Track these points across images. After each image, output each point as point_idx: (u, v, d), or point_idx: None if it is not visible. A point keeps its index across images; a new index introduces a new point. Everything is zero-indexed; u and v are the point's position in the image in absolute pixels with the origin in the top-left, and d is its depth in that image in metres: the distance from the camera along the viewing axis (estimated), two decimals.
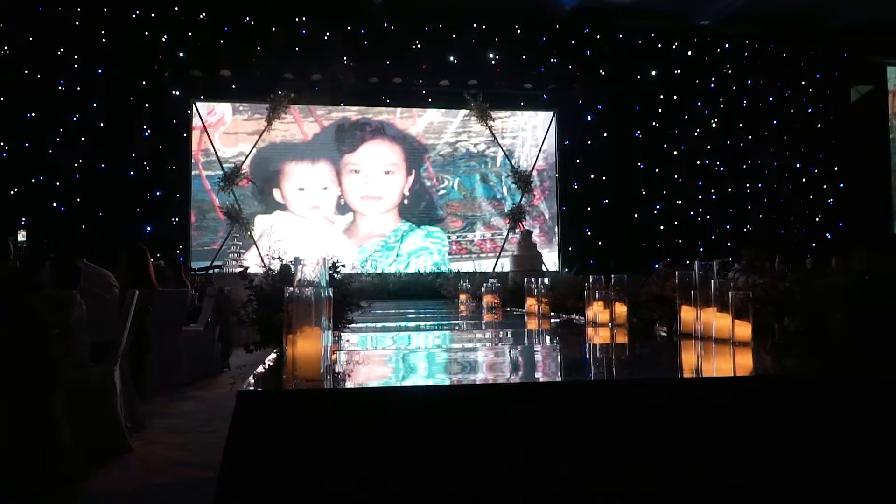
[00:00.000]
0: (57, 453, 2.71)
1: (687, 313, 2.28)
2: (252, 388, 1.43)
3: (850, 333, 1.48)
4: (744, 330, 1.91)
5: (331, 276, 2.18)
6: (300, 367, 1.46)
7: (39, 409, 2.67)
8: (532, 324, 3.53)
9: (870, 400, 1.46)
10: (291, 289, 1.51)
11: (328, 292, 1.55)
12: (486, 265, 12.94)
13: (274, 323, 1.94)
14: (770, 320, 1.82)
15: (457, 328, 3.80)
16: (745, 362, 1.78)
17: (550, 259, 13.08)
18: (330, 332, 1.57)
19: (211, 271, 10.79)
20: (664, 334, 2.53)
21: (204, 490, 2.56)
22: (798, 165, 14.18)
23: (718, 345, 1.99)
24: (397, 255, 12.85)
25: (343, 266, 2.21)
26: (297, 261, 1.61)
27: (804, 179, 14.18)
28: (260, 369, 1.73)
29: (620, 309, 2.73)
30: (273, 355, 1.90)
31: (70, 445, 2.83)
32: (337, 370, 1.75)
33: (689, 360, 2.03)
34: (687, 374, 1.86)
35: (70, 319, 2.94)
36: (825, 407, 1.45)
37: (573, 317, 3.52)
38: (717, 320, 2.03)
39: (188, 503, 2.73)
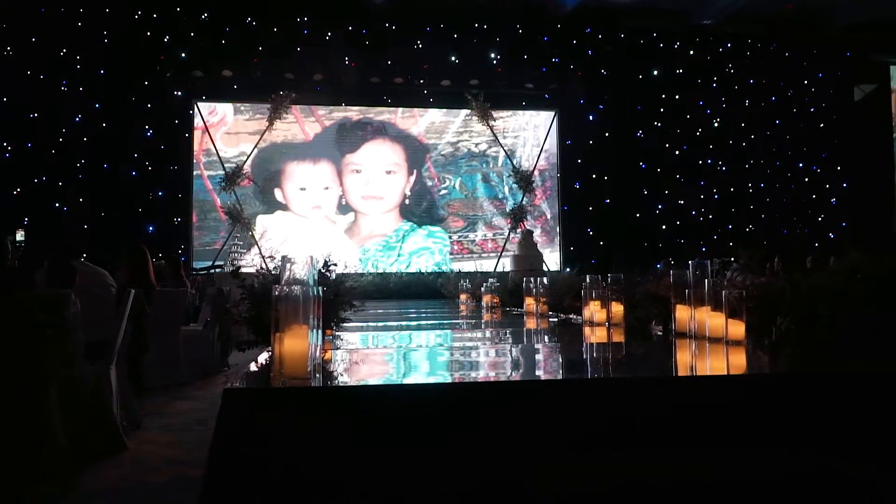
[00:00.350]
0: (51, 452, 2.71)
1: (682, 312, 2.27)
2: (238, 386, 1.42)
3: (838, 332, 1.46)
4: (737, 329, 1.90)
5: (323, 274, 2.18)
6: (287, 366, 1.45)
7: (33, 409, 2.67)
8: (530, 323, 3.52)
9: (857, 397, 1.45)
10: (279, 287, 1.50)
11: (316, 291, 1.55)
12: (487, 265, 12.93)
13: (265, 321, 1.94)
14: (763, 319, 1.81)
15: (453, 327, 3.79)
16: (736, 361, 1.77)
17: (552, 259, 13.07)
18: (318, 330, 1.56)
19: (212, 271, 10.81)
20: (660, 333, 2.52)
21: (197, 488, 2.56)
22: (801, 165, 14.14)
23: (712, 344, 1.98)
24: (398, 255, 12.85)
25: (335, 265, 2.20)
26: (285, 259, 1.61)
27: (807, 179, 14.14)
28: (252, 367, 1.72)
29: (617, 308, 2.72)
30: (266, 354, 1.90)
31: (65, 444, 2.82)
32: (329, 368, 1.74)
33: (682, 358, 2.02)
34: (679, 373, 1.85)
35: (65, 319, 2.94)
36: (814, 404, 1.44)
37: (571, 316, 3.51)
38: (711, 319, 2.01)
39: (182, 501, 2.73)
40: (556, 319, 3.52)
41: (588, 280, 2.89)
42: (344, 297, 2.22)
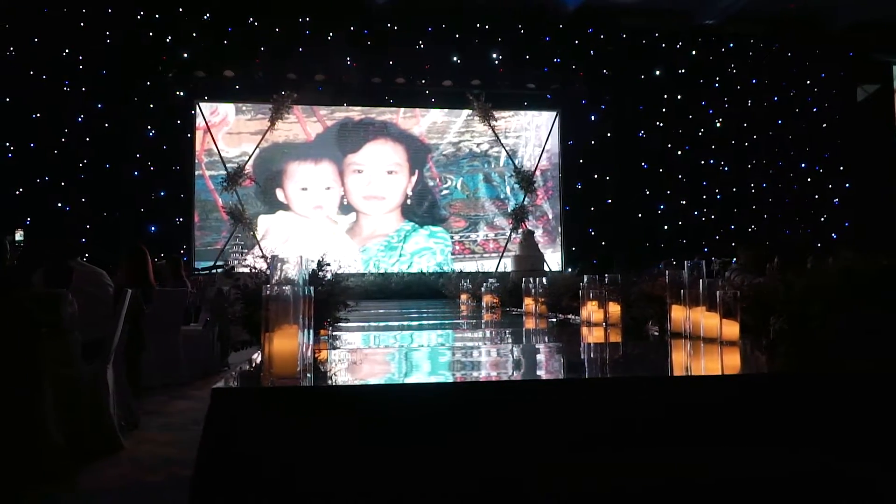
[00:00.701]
0: (48, 451, 2.71)
1: (677, 312, 2.26)
2: (228, 385, 1.42)
3: (831, 331, 1.46)
4: (732, 329, 1.89)
5: (317, 274, 2.18)
6: (276, 365, 1.45)
7: (30, 408, 2.67)
8: (528, 323, 3.52)
9: (851, 397, 1.44)
10: (269, 287, 1.50)
11: (307, 291, 1.54)
12: (489, 265, 12.93)
13: (257, 321, 1.94)
14: (758, 319, 1.81)
15: (452, 327, 3.79)
16: (730, 361, 1.76)
17: (554, 259, 13.07)
18: (309, 330, 1.56)
19: (213, 271, 10.81)
20: (656, 333, 2.51)
21: None
22: (803, 165, 14.11)
23: (707, 344, 1.97)
24: (400, 255, 12.85)
25: (329, 265, 2.20)
26: (275, 259, 1.60)
27: (809, 179, 14.11)
28: (246, 367, 1.72)
29: (614, 308, 2.72)
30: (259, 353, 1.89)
31: (62, 443, 2.83)
32: (322, 368, 1.74)
33: (678, 359, 2.01)
34: (675, 373, 1.85)
35: (62, 318, 2.95)
36: (808, 404, 1.43)
37: (569, 316, 3.50)
38: (706, 319, 2.01)
39: (179, 501, 2.73)
40: (554, 319, 3.51)
41: (585, 280, 2.88)
42: (338, 296, 2.21)
